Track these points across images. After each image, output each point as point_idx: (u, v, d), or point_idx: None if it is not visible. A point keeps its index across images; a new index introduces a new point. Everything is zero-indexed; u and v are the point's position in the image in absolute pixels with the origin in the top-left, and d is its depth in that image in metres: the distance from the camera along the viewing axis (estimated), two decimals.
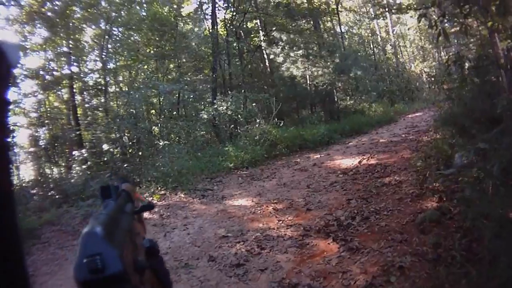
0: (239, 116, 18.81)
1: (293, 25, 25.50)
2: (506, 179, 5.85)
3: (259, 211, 9.31)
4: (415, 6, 18.15)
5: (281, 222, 8.25)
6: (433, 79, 26.20)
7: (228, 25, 23.86)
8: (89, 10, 19.88)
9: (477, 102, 9.90)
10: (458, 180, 7.59)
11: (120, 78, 23.21)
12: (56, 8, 18.65)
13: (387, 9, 22.72)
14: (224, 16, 24.19)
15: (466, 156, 6.92)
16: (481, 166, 6.33)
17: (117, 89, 22.48)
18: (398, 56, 39.90)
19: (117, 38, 21.93)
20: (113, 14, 20.70)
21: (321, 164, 13.48)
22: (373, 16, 35.81)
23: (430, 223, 6.46)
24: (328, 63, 22.80)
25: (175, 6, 23.88)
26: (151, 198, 11.41)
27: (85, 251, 0.92)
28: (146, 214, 10.81)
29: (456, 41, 15.27)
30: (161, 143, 15.88)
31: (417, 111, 27.23)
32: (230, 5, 23.85)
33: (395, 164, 11.52)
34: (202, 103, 21.73)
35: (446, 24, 9.00)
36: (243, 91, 21.23)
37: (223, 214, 9.49)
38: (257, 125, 17.60)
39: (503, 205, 5.48)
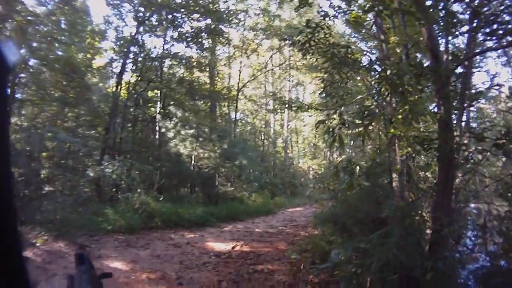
0: (122, 182, 18.61)
1: (191, 103, 25.80)
2: (383, 275, 6.19)
3: (133, 277, 9.28)
4: (316, 106, 18.70)
5: None
6: (319, 178, 26.65)
7: (131, 89, 23.68)
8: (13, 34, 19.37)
9: (363, 205, 10.37)
10: (334, 274, 7.75)
11: (23, 112, 22.44)
12: None
13: (287, 106, 23.29)
14: (129, 80, 24.15)
15: (343, 253, 7.21)
16: (360, 263, 6.61)
17: (19, 123, 21.71)
18: (288, 151, 41.20)
19: (31, 71, 21.20)
20: (34, 44, 20.13)
21: (194, 244, 13.52)
22: (271, 108, 37.16)
23: None
24: (216, 148, 23.01)
25: (88, 56, 23.59)
26: (35, 241, 11.18)
27: None
28: (30, 255, 10.50)
29: (352, 142, 15.77)
30: (46, 189, 15.42)
31: (298, 206, 27.97)
32: (137, 69, 23.93)
33: (269, 254, 11.79)
34: (91, 160, 21.32)
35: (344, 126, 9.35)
36: (129, 158, 20.82)
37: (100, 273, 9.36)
38: (137, 195, 17.29)
39: None
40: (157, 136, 24.37)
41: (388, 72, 7.60)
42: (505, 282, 6.60)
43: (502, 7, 6.96)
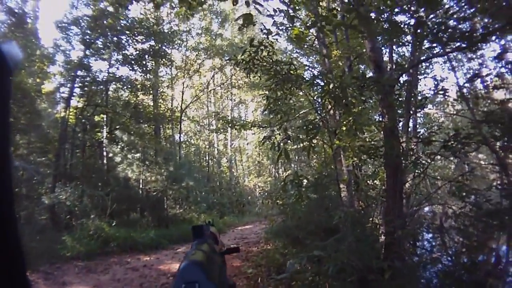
0: (76, 208, 18.46)
1: (136, 127, 25.70)
2: (340, 280, 6.43)
3: None
4: (259, 123, 18.75)
5: None
6: (267, 194, 26.78)
7: (78, 114, 23.36)
8: None
9: (313, 216, 10.57)
10: (291, 284, 8.10)
11: None
12: None
13: (230, 125, 23.34)
14: (77, 105, 23.86)
15: (298, 263, 7.30)
16: (317, 270, 6.76)
17: None
18: (233, 170, 41.24)
19: None
20: None
21: (151, 266, 13.66)
22: (214, 128, 37.01)
23: None
24: (163, 170, 22.94)
25: (38, 80, 23.18)
26: None
27: (184, 278, 1.23)
28: None
29: (297, 157, 15.80)
30: None
31: (247, 224, 28.06)
32: (84, 93, 23.68)
33: None
34: (43, 187, 20.99)
35: (289, 141, 9.41)
36: (80, 184, 20.33)
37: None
38: (91, 221, 17.27)
39: None
40: (105, 161, 24.15)
41: (331, 85, 7.77)
42: (468, 276, 6.77)
43: (447, 14, 7.15)
